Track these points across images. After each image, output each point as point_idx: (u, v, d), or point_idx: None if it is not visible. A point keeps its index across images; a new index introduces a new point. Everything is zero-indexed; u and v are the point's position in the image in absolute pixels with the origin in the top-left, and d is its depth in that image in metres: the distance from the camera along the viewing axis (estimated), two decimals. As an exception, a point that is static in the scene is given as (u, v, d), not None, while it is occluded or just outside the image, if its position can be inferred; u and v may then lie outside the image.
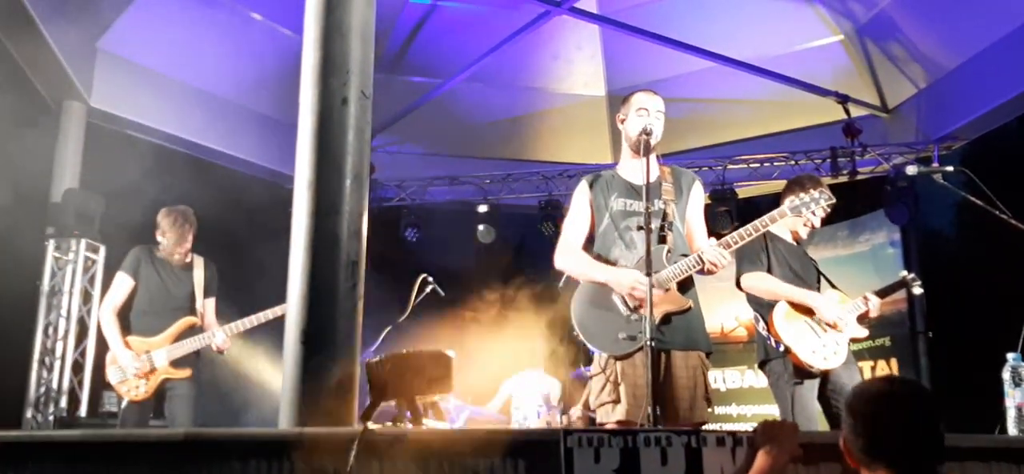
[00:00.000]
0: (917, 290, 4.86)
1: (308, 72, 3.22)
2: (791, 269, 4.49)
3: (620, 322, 3.51)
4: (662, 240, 3.64)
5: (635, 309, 3.50)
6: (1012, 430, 3.10)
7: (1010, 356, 3.18)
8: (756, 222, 3.93)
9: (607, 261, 3.66)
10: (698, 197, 3.91)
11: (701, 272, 3.62)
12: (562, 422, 6.96)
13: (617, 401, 3.43)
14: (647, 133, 3.60)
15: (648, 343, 3.19)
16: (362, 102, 3.21)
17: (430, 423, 2.93)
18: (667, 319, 3.54)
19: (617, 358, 3.48)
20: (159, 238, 5.39)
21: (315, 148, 3.14)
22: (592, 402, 3.62)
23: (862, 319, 4.50)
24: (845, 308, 4.43)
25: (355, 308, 3.08)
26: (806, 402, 4.28)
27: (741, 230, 3.85)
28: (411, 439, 2.66)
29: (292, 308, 3.03)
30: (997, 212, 4.41)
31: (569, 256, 3.78)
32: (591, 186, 3.82)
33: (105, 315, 5.28)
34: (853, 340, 4.51)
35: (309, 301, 3.01)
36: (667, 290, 3.56)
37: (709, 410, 3.63)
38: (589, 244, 3.81)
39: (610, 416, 3.45)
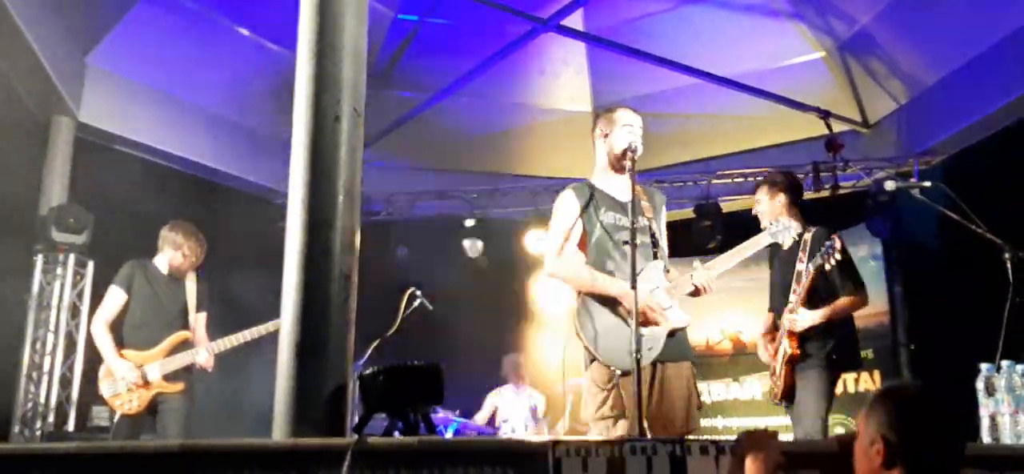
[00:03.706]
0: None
1: (301, 90, 3.29)
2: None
3: (629, 336, 3.46)
4: (655, 256, 3.74)
5: (644, 324, 3.56)
6: (985, 438, 3.19)
7: (983, 367, 3.26)
8: (740, 247, 4.08)
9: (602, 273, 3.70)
10: (664, 217, 4.01)
11: (693, 294, 3.73)
12: (549, 435, 7.02)
13: (620, 416, 3.44)
14: (633, 150, 3.68)
15: (636, 356, 3.25)
16: (354, 119, 3.29)
17: (422, 434, 2.98)
18: (671, 334, 3.63)
19: (624, 373, 3.46)
20: (171, 251, 5.43)
21: (308, 164, 3.20)
22: (589, 416, 3.58)
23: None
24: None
25: (348, 321, 3.14)
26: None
27: (725, 255, 4.01)
28: (403, 450, 2.71)
29: (286, 321, 3.09)
30: (973, 226, 4.52)
31: (569, 265, 3.72)
32: (579, 196, 3.81)
33: (98, 328, 5.31)
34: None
35: (303, 314, 3.06)
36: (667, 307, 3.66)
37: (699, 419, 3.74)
38: (579, 254, 3.80)
39: (611, 432, 3.44)
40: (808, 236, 4.68)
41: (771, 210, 4.80)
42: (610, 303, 3.60)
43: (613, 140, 3.85)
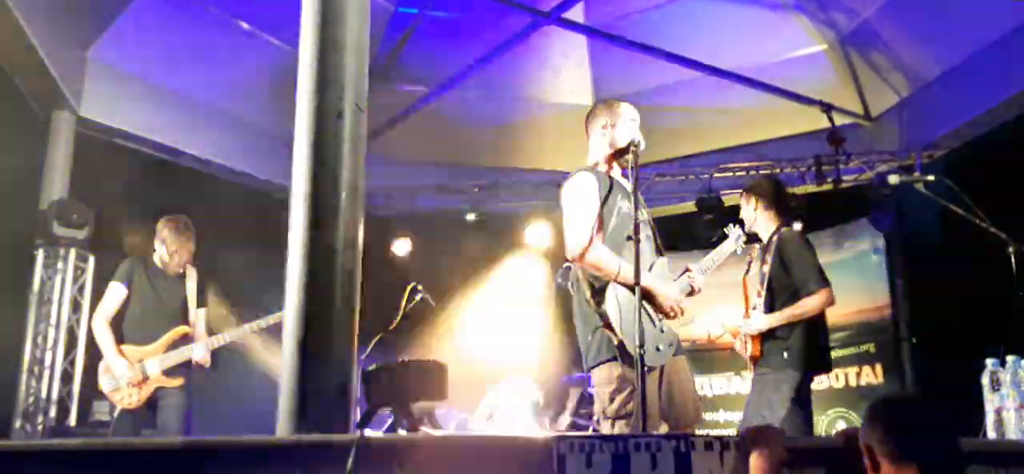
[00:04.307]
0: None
1: (304, 86, 3.27)
2: None
3: (654, 332, 3.52)
4: (659, 251, 3.74)
5: (665, 318, 3.60)
6: (991, 434, 3.17)
7: (989, 361, 3.23)
8: (714, 253, 4.26)
9: None
10: None
11: (689, 294, 3.76)
12: (549, 429, 7.01)
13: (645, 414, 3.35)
14: (637, 145, 3.65)
15: (640, 352, 3.24)
16: (357, 115, 3.27)
17: (425, 430, 2.98)
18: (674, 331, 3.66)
19: (651, 369, 3.41)
20: (158, 246, 5.45)
21: (311, 161, 3.19)
22: (608, 412, 3.49)
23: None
24: None
25: (351, 318, 3.13)
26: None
27: (704, 260, 4.12)
28: (407, 446, 2.71)
29: (289, 318, 3.08)
30: (977, 220, 4.52)
31: (604, 253, 3.57)
32: (599, 182, 3.71)
33: (98, 325, 5.33)
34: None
35: (306, 311, 3.05)
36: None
37: None
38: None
39: (633, 428, 3.35)
40: (774, 238, 4.77)
41: (748, 217, 4.89)
42: (635, 297, 3.44)
43: (617, 133, 3.82)
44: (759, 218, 4.89)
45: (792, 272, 4.61)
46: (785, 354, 4.50)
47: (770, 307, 4.62)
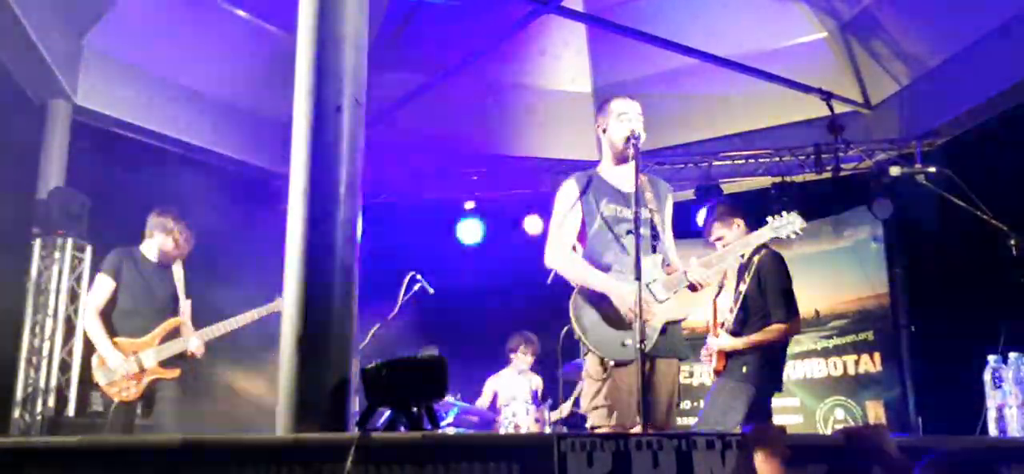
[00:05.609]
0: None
1: (301, 80, 3.24)
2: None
3: (623, 328, 3.56)
4: (653, 250, 3.71)
5: (625, 327, 3.59)
6: (992, 431, 3.16)
7: (991, 358, 3.22)
8: (735, 245, 4.26)
9: (600, 265, 3.69)
10: (670, 207, 4.01)
11: (690, 289, 3.74)
12: (550, 418, 7.02)
13: (613, 407, 3.47)
14: (635, 137, 3.64)
15: (639, 347, 3.23)
16: (355, 109, 3.24)
17: (425, 428, 2.96)
18: (664, 328, 3.63)
19: (617, 364, 3.51)
20: (162, 237, 5.42)
21: (309, 156, 3.17)
22: (584, 405, 3.64)
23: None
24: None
25: (350, 314, 3.12)
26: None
27: (721, 251, 4.04)
28: (407, 444, 2.69)
29: (288, 315, 3.06)
30: (977, 211, 4.50)
31: (563, 257, 3.76)
32: (580, 186, 3.80)
33: (89, 318, 5.28)
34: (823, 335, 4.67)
35: (305, 308, 3.04)
36: (662, 301, 3.66)
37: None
38: (579, 245, 3.83)
39: (605, 421, 3.48)
40: (755, 258, 4.83)
41: (735, 239, 4.81)
42: (600, 298, 3.63)
43: (611, 133, 3.86)
44: (746, 237, 4.78)
45: (767, 296, 4.76)
46: (744, 368, 4.68)
47: (742, 323, 4.79)
